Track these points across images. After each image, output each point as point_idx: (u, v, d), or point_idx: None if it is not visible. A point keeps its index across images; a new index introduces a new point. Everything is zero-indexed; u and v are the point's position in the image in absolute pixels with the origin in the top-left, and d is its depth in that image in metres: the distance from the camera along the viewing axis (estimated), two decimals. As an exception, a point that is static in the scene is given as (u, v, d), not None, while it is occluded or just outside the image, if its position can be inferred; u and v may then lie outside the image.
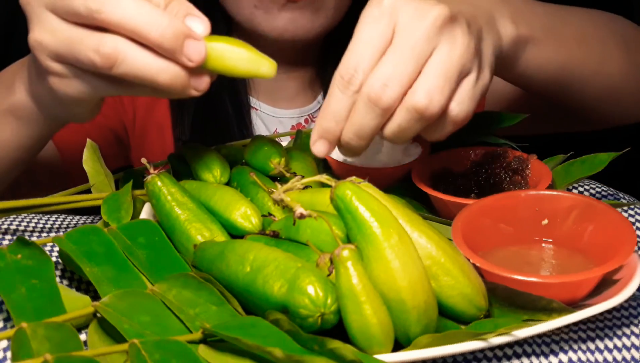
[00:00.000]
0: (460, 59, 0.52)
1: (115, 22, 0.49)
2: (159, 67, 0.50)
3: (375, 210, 0.43)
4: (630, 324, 0.48)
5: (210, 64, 0.51)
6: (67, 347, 0.40)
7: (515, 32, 0.61)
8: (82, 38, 0.50)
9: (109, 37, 0.49)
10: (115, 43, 0.49)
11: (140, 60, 0.50)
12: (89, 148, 0.63)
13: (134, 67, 0.50)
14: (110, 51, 0.49)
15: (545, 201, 0.54)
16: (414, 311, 0.42)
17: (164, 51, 0.50)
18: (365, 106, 0.51)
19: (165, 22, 0.49)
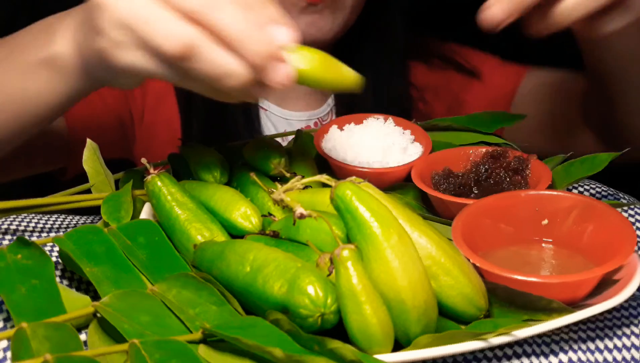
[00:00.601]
0: None
1: (208, 20, 0.47)
2: (231, 71, 0.47)
3: (375, 210, 0.43)
4: (630, 324, 0.48)
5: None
6: (67, 347, 0.40)
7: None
8: (162, 19, 0.47)
9: (190, 29, 0.47)
10: (194, 36, 0.46)
11: (215, 60, 0.47)
12: (89, 148, 0.63)
13: (206, 66, 0.47)
14: (188, 43, 0.46)
15: (545, 201, 0.54)
16: (413, 311, 0.42)
17: (252, 67, 0.47)
18: None
19: (258, 38, 0.47)
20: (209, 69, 0.47)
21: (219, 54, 0.47)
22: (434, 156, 0.64)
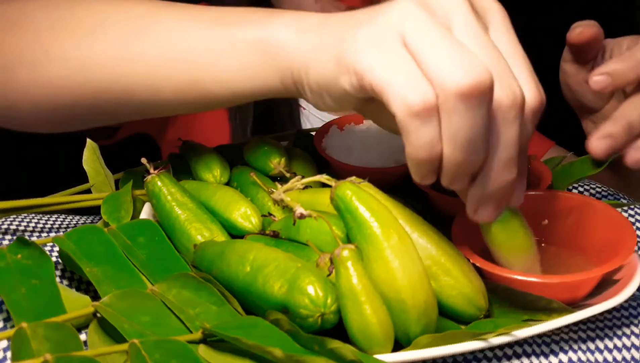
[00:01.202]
0: None
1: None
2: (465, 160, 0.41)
3: (375, 210, 0.43)
4: (630, 324, 0.48)
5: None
6: (67, 347, 0.40)
7: None
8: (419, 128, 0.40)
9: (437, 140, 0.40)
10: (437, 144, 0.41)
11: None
12: (89, 148, 0.63)
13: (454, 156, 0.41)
14: (430, 147, 0.41)
15: (545, 202, 0.54)
16: (413, 311, 0.42)
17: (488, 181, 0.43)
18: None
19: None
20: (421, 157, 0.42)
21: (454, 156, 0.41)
22: (434, 156, 0.64)
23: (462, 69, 0.39)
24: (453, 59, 0.39)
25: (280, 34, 0.48)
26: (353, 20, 0.45)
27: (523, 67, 0.43)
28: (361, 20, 0.44)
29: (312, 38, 0.47)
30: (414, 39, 0.40)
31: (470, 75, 0.38)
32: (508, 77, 0.40)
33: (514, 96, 0.40)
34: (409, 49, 0.41)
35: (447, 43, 0.40)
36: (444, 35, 0.40)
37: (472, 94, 0.38)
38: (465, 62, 0.39)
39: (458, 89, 0.38)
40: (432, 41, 0.40)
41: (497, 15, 0.44)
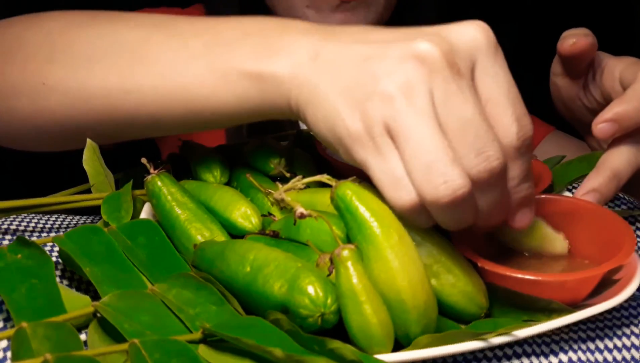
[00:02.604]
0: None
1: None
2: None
3: (376, 210, 0.43)
4: (630, 324, 0.48)
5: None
6: (67, 347, 0.40)
7: None
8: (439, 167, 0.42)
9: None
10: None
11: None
12: (89, 148, 0.63)
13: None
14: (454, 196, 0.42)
15: (545, 204, 0.54)
16: (414, 311, 0.42)
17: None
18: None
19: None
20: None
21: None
22: (434, 156, 0.64)
23: (441, 184, 0.41)
24: (431, 172, 0.41)
25: (280, 68, 0.48)
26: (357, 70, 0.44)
27: (507, 108, 0.44)
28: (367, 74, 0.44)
29: (317, 79, 0.46)
30: (397, 128, 0.42)
31: (448, 190, 0.41)
32: (483, 143, 0.42)
33: (490, 168, 0.42)
34: (392, 135, 0.43)
35: (427, 148, 0.41)
36: (424, 137, 0.41)
37: (452, 204, 0.42)
38: (443, 177, 0.41)
39: (438, 202, 0.42)
40: (415, 140, 0.42)
41: (481, 53, 0.44)
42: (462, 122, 0.42)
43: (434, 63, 0.42)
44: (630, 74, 0.58)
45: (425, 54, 0.42)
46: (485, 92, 0.44)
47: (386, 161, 0.43)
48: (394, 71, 0.42)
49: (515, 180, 0.45)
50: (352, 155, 0.45)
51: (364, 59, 0.44)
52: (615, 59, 0.62)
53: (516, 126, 0.44)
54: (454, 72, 0.42)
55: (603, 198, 0.55)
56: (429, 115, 0.41)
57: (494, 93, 0.44)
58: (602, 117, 0.55)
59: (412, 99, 0.42)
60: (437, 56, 0.42)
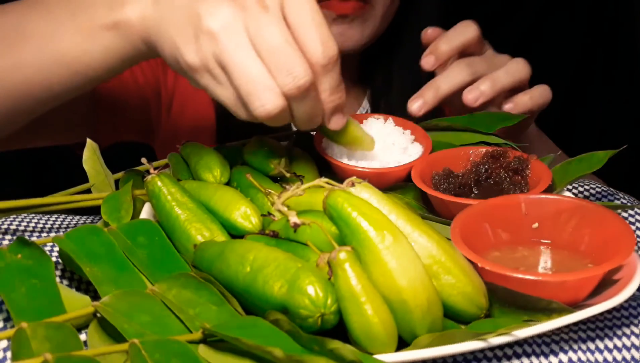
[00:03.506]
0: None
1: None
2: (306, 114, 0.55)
3: (368, 214, 0.43)
4: (630, 324, 0.48)
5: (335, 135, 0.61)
6: (67, 347, 0.40)
7: None
8: (262, 85, 0.52)
9: (282, 102, 0.52)
10: (284, 108, 0.53)
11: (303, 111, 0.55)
12: (89, 148, 0.63)
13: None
14: (277, 114, 0.53)
15: (545, 205, 0.54)
16: (417, 311, 0.42)
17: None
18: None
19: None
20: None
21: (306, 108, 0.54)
22: (434, 156, 0.64)
23: (259, 107, 0.52)
24: (251, 97, 0.52)
25: (132, 15, 0.56)
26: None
27: (313, 33, 0.52)
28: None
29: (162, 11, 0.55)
30: (224, 61, 0.52)
31: (265, 111, 0.52)
32: (291, 64, 0.51)
33: (299, 85, 0.52)
34: (222, 66, 0.52)
35: (247, 77, 0.52)
36: (244, 66, 0.52)
37: (271, 119, 0.53)
38: (260, 101, 0.52)
39: (261, 118, 0.53)
40: (238, 70, 0.52)
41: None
42: (272, 48, 0.51)
43: (245, 2, 0.52)
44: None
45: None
46: (293, 22, 0.52)
47: (224, 88, 0.53)
48: (214, 12, 0.52)
49: (327, 92, 0.55)
50: (197, 82, 0.54)
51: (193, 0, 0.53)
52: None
53: (321, 46, 0.52)
54: (261, 7, 0.52)
55: (425, 103, 0.70)
56: (246, 46, 0.51)
57: (300, 20, 0.52)
58: (425, 53, 0.71)
59: (231, 35, 0.51)
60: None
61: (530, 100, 0.72)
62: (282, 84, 0.52)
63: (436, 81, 0.70)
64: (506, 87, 0.70)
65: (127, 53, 0.58)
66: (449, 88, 0.70)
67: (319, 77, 0.53)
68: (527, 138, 0.80)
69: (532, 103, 0.72)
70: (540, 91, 0.73)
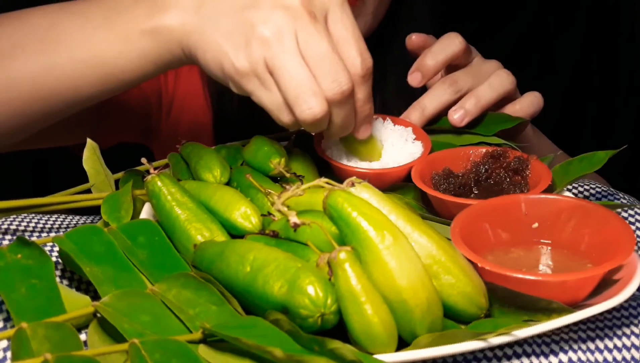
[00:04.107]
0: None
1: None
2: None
3: (368, 214, 0.43)
4: (630, 324, 0.48)
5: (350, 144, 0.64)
6: (67, 347, 0.40)
7: None
8: (310, 93, 0.54)
9: (325, 107, 0.55)
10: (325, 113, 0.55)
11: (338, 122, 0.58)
12: (89, 148, 0.63)
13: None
14: (321, 119, 0.55)
15: (544, 205, 0.54)
16: (417, 310, 0.42)
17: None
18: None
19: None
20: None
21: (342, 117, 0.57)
22: (434, 156, 0.64)
23: (306, 110, 0.54)
24: (298, 101, 0.54)
25: (170, 20, 0.57)
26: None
27: (352, 45, 0.56)
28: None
29: (204, 23, 0.56)
30: (274, 65, 0.54)
31: (310, 115, 0.54)
32: (336, 72, 0.54)
33: (342, 90, 0.55)
34: (270, 71, 0.55)
35: (295, 81, 0.54)
36: (293, 71, 0.54)
37: (314, 123, 0.55)
38: (307, 104, 0.54)
39: (305, 122, 0.55)
40: (286, 75, 0.54)
41: (332, 4, 0.56)
42: (319, 56, 0.54)
43: (297, 12, 0.54)
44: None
45: (289, 4, 0.54)
46: (336, 34, 0.56)
47: (271, 93, 0.55)
48: (267, 20, 0.54)
49: (361, 101, 0.58)
50: (241, 88, 0.56)
51: (242, 8, 0.55)
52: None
53: (360, 58, 0.56)
54: (312, 18, 0.54)
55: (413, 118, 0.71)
56: (295, 52, 0.54)
57: (342, 34, 0.56)
58: (411, 70, 0.73)
59: (282, 42, 0.54)
60: (298, 6, 0.54)
61: (520, 110, 0.72)
62: (327, 89, 0.54)
63: (421, 101, 0.71)
64: (491, 103, 0.70)
65: (163, 58, 0.59)
66: (434, 108, 0.70)
67: (356, 86, 0.56)
68: (524, 139, 0.80)
69: (523, 113, 0.72)
70: (531, 99, 0.72)
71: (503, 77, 0.71)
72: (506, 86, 0.71)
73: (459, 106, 0.69)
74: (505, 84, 0.71)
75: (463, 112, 0.69)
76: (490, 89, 0.70)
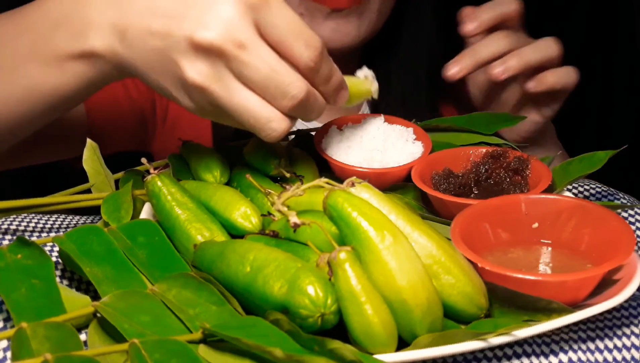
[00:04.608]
0: None
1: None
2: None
3: (368, 214, 0.43)
4: (630, 324, 0.48)
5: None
6: (67, 347, 0.40)
7: None
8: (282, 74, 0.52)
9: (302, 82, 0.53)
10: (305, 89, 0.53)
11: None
12: (89, 148, 0.63)
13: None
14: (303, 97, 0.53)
15: (544, 205, 0.54)
16: (417, 310, 0.42)
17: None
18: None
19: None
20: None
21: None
22: (434, 156, 0.64)
23: (271, 133, 0.54)
24: (261, 131, 0.54)
25: (94, 44, 0.55)
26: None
27: (293, 42, 0.53)
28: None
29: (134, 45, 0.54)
30: (225, 105, 0.53)
31: (277, 135, 0.54)
32: (285, 86, 0.52)
33: (298, 100, 0.53)
34: (218, 108, 0.53)
35: (250, 115, 0.53)
36: (243, 106, 0.53)
37: (283, 135, 0.54)
38: (270, 131, 0.54)
39: (274, 139, 0.54)
40: (240, 110, 0.53)
41: (256, 12, 0.52)
42: (260, 80, 0.51)
43: (218, 50, 0.50)
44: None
45: (208, 45, 0.50)
46: (272, 38, 0.52)
47: (231, 122, 0.54)
48: (194, 64, 0.51)
49: (323, 83, 0.56)
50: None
51: (165, 48, 0.52)
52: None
53: (306, 51, 0.53)
54: (237, 48, 0.51)
55: (462, 69, 0.72)
56: (237, 87, 0.52)
57: (280, 36, 0.52)
58: (466, 21, 0.73)
59: (219, 83, 0.51)
60: (218, 44, 0.50)
61: (553, 77, 0.72)
62: (282, 107, 0.53)
63: (475, 47, 0.71)
64: (532, 64, 0.70)
65: (103, 78, 0.58)
66: (487, 55, 0.71)
67: (313, 77, 0.54)
68: (545, 143, 0.83)
69: (556, 81, 0.72)
70: (567, 70, 0.73)
71: (550, 43, 0.72)
72: (551, 51, 0.72)
73: (502, 60, 0.70)
74: (551, 49, 0.72)
75: (504, 66, 0.70)
76: (534, 51, 0.71)
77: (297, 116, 0.55)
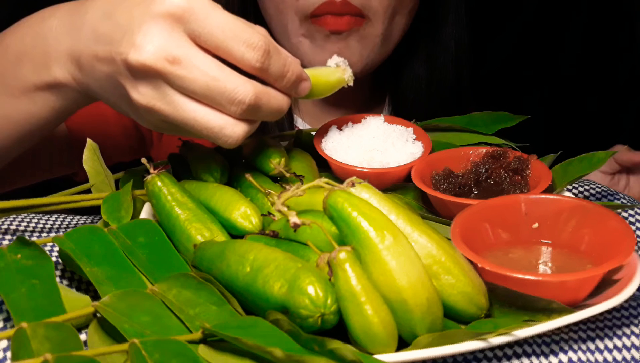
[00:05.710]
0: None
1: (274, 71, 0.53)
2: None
3: (368, 214, 0.43)
4: (630, 324, 0.48)
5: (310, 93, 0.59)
6: (67, 347, 0.40)
7: None
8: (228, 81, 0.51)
9: (252, 84, 0.52)
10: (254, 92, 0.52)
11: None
12: (89, 148, 0.63)
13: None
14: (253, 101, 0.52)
15: (544, 205, 0.54)
16: (417, 310, 0.42)
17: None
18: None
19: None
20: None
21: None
22: (434, 156, 0.64)
23: (227, 140, 0.53)
24: (216, 138, 0.53)
25: (57, 74, 0.57)
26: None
27: (233, 46, 0.52)
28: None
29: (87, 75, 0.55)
30: (175, 121, 0.53)
31: (232, 142, 0.53)
32: (229, 93, 0.51)
33: (247, 105, 0.52)
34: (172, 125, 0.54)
35: (203, 127, 0.53)
36: (193, 119, 0.53)
37: (239, 142, 0.54)
38: (223, 139, 0.53)
39: (231, 146, 0.54)
40: (193, 123, 0.53)
41: (186, 23, 0.51)
42: (203, 91, 0.51)
43: (153, 69, 0.50)
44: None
45: (141, 66, 0.50)
46: (210, 45, 0.51)
47: (190, 135, 0.54)
48: (137, 87, 0.52)
49: (278, 79, 0.54)
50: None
51: (113, 73, 0.52)
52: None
53: (248, 53, 0.52)
54: (171, 64, 0.50)
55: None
56: (183, 102, 0.52)
57: (216, 42, 0.51)
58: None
59: (163, 101, 0.52)
60: (152, 64, 0.50)
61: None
62: (232, 113, 0.52)
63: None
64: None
65: (70, 106, 0.60)
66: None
67: (264, 76, 0.53)
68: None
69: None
70: None
71: None
72: None
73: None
74: None
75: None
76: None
77: (254, 118, 0.54)
